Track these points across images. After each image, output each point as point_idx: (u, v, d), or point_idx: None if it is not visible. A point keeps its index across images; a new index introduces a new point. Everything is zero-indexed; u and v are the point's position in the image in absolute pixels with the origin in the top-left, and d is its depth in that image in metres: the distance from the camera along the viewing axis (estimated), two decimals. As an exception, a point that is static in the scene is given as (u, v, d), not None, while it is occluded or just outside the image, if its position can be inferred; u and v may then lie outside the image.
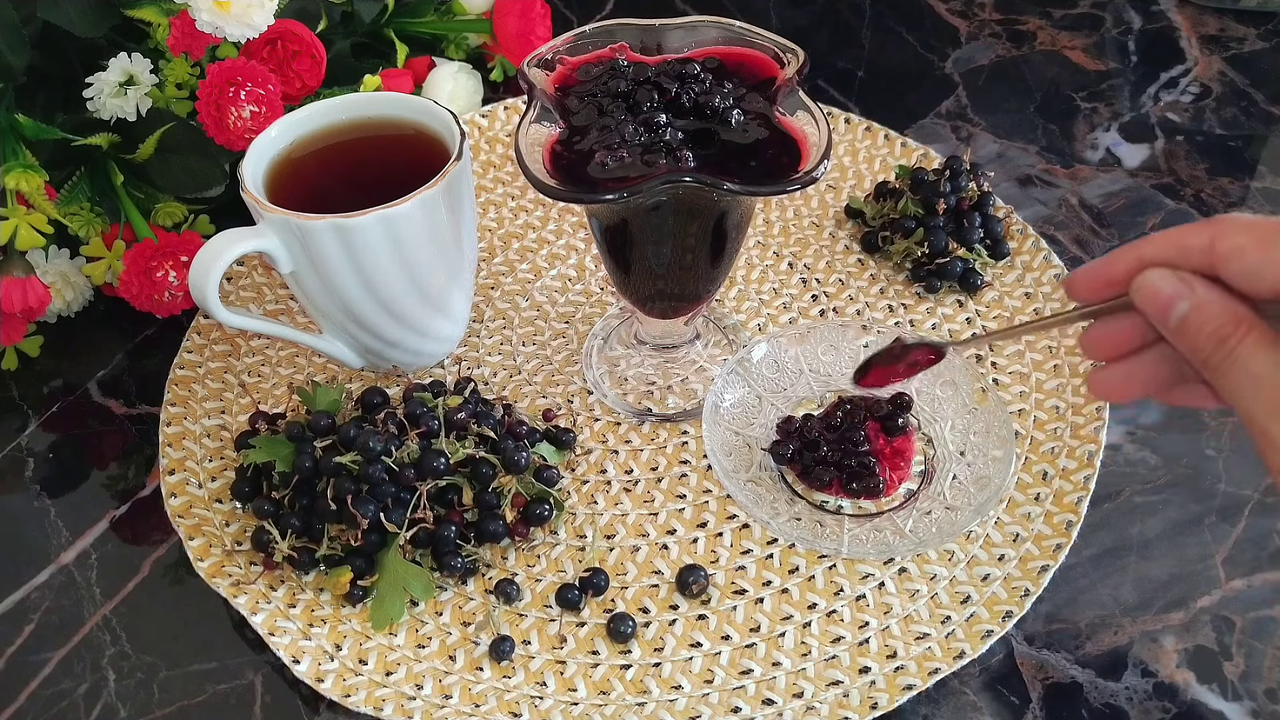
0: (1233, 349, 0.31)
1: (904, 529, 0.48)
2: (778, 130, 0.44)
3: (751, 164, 0.43)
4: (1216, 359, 0.32)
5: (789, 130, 0.44)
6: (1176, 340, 0.33)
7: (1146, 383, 0.36)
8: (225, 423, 0.56)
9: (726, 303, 0.61)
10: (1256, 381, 0.31)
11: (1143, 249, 0.34)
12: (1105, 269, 0.35)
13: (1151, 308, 0.33)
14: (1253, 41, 0.80)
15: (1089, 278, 0.36)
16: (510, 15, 0.72)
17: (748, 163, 0.43)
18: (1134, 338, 0.35)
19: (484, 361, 0.59)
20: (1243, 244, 0.31)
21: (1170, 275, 0.33)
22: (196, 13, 0.55)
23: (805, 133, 0.44)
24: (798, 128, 0.44)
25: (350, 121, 0.54)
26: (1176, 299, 0.32)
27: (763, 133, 0.44)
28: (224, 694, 0.46)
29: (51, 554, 0.52)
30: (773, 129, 0.44)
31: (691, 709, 0.44)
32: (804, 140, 0.44)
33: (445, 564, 0.47)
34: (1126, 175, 0.70)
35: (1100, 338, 0.36)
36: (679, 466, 0.53)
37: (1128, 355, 0.36)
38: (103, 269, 0.60)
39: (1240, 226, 0.32)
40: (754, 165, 0.43)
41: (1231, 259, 0.31)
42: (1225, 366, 0.31)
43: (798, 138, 0.44)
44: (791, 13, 0.87)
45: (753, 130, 0.44)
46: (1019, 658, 0.46)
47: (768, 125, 0.44)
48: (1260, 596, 0.48)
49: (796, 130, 0.44)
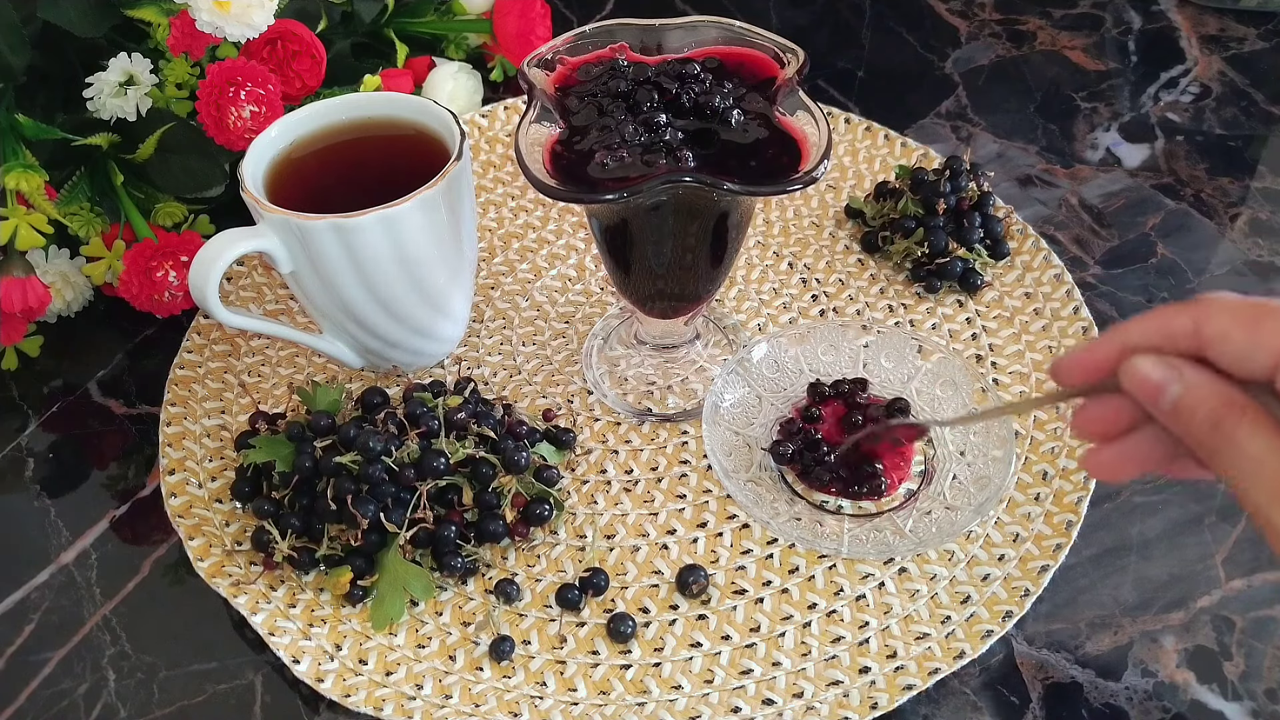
0: (1229, 433, 0.30)
1: (904, 529, 0.48)
2: (778, 130, 0.44)
3: (751, 164, 0.43)
4: (1213, 443, 0.31)
5: (789, 130, 0.44)
6: (1171, 425, 0.32)
7: (1142, 461, 0.35)
8: (225, 423, 0.56)
9: (726, 303, 0.61)
10: (1256, 465, 0.30)
11: (1127, 334, 0.33)
12: (1090, 356, 0.34)
13: (1142, 393, 0.32)
14: (1253, 41, 0.80)
15: (1074, 364, 0.35)
16: (510, 15, 0.72)
17: (748, 163, 0.43)
18: (1127, 417, 0.34)
19: (484, 361, 0.59)
20: (1227, 327, 0.31)
21: (1158, 361, 0.32)
22: (196, 13, 0.55)
23: (805, 133, 0.44)
24: (798, 128, 0.44)
25: (350, 121, 0.54)
26: (1166, 385, 0.32)
27: (763, 133, 0.44)
28: (224, 694, 0.46)
29: (51, 554, 0.52)
30: (773, 129, 0.44)
31: (691, 709, 0.44)
32: (804, 140, 0.44)
33: (445, 564, 0.47)
34: (1126, 175, 0.70)
35: (1092, 418, 0.35)
36: (679, 466, 0.53)
37: (1121, 435, 0.35)
38: (103, 269, 0.60)
39: (1223, 309, 0.31)
40: (754, 165, 0.43)
41: (1218, 343, 0.31)
42: (1223, 450, 0.31)
43: (798, 138, 0.44)
44: (791, 13, 0.87)
45: (753, 130, 0.44)
46: (1019, 658, 0.46)
47: (768, 125, 0.44)
48: (1260, 596, 0.48)
49: (796, 130, 0.44)
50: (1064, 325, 0.58)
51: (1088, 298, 0.60)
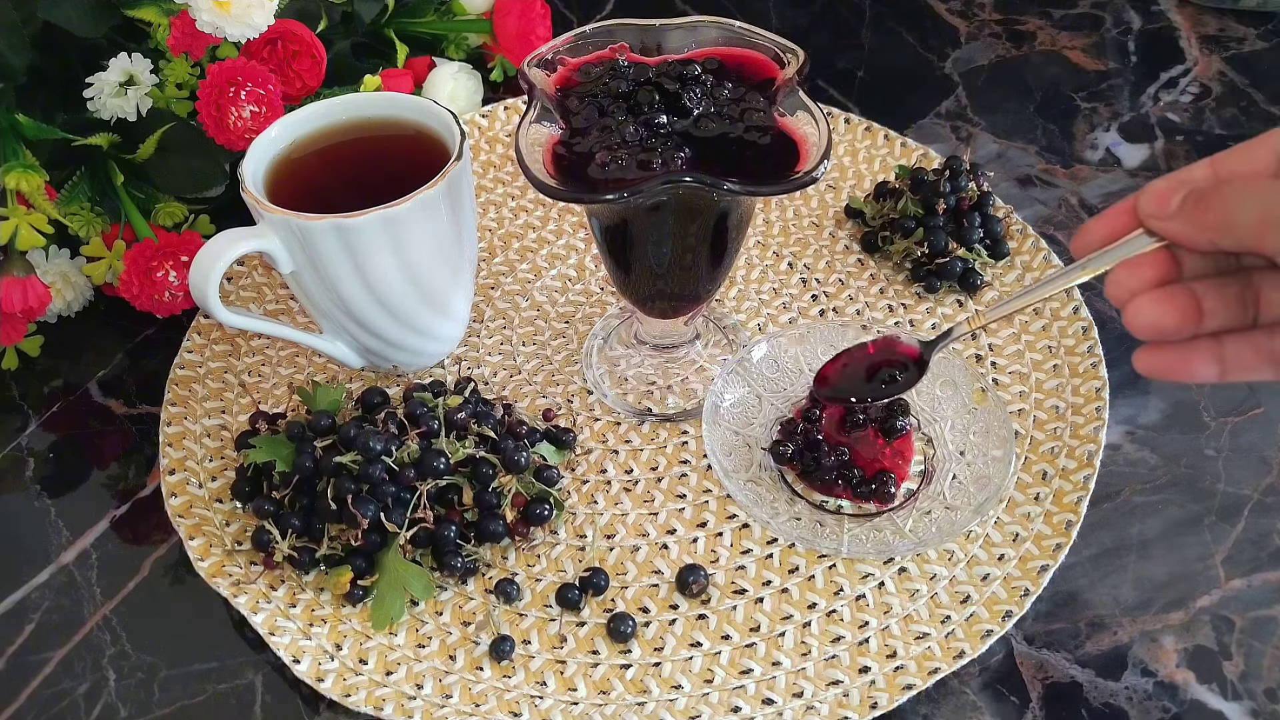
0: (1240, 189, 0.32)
1: (904, 529, 0.48)
2: (778, 130, 0.44)
3: (751, 164, 0.43)
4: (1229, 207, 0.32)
5: (789, 130, 0.44)
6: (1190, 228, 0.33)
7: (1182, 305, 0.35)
8: (225, 423, 0.56)
9: (726, 303, 0.61)
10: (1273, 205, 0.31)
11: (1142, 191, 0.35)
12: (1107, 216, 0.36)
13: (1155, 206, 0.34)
14: (1253, 41, 0.80)
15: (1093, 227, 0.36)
16: (510, 15, 0.72)
17: (748, 163, 0.43)
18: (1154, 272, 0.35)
19: (484, 361, 0.59)
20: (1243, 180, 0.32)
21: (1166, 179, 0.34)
22: (197, 13, 0.55)
23: (805, 133, 0.44)
24: (798, 128, 0.44)
25: (350, 121, 0.54)
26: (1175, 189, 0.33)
27: (763, 133, 0.44)
28: (224, 694, 0.46)
29: (52, 554, 0.52)
30: (773, 129, 0.44)
31: (691, 709, 0.44)
32: (804, 140, 0.44)
33: (445, 564, 0.47)
34: (1126, 175, 0.70)
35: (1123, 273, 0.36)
36: (679, 466, 0.53)
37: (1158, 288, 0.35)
38: (103, 269, 0.60)
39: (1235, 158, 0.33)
40: (754, 165, 0.43)
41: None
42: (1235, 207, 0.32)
43: (797, 138, 0.44)
44: (791, 13, 0.87)
45: (753, 130, 0.44)
46: (1019, 657, 0.46)
47: (768, 125, 0.44)
48: (1260, 596, 0.48)
49: (796, 130, 0.44)
50: (1064, 325, 0.58)
51: (1087, 298, 0.60)
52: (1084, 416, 0.53)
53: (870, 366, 0.48)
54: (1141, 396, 0.56)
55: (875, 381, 0.48)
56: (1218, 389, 0.56)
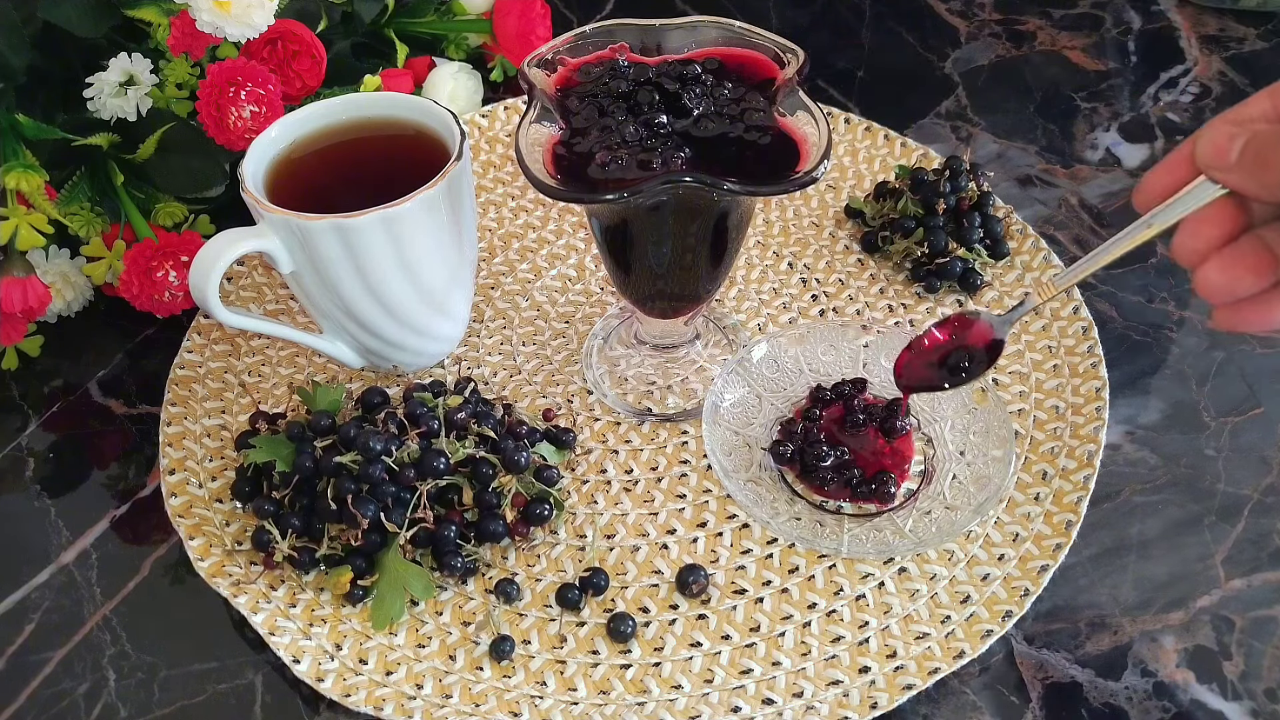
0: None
1: (904, 529, 0.48)
2: (778, 130, 0.44)
3: (751, 164, 0.43)
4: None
5: (789, 130, 0.44)
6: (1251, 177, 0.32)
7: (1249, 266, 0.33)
8: (225, 423, 0.56)
9: (726, 303, 0.61)
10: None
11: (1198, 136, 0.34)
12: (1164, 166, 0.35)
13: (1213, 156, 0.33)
14: (1253, 41, 0.80)
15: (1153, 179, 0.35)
16: (510, 15, 0.72)
17: (748, 163, 0.43)
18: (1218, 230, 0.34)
19: (484, 361, 0.59)
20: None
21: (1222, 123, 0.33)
22: (197, 13, 0.55)
23: (805, 133, 0.44)
24: (798, 128, 0.44)
25: (350, 121, 0.54)
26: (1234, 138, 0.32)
27: (763, 133, 0.44)
28: (224, 694, 0.46)
29: (51, 554, 0.52)
30: (773, 129, 0.44)
31: (691, 709, 0.44)
32: (804, 140, 0.44)
33: (445, 564, 0.47)
34: (1126, 175, 0.70)
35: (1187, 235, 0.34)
36: (679, 466, 0.53)
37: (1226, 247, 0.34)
38: (103, 269, 0.60)
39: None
40: (754, 165, 0.43)
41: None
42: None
43: (797, 138, 0.44)
44: (791, 13, 0.87)
45: (753, 130, 0.44)
46: (1019, 657, 0.46)
47: (768, 125, 0.44)
48: (1260, 596, 0.48)
49: (796, 130, 0.44)
50: (1064, 325, 0.58)
51: (1087, 298, 0.60)
52: (1084, 416, 0.53)
53: (943, 353, 0.47)
54: (1141, 396, 0.56)
55: (947, 368, 0.46)
56: (1217, 389, 0.56)
